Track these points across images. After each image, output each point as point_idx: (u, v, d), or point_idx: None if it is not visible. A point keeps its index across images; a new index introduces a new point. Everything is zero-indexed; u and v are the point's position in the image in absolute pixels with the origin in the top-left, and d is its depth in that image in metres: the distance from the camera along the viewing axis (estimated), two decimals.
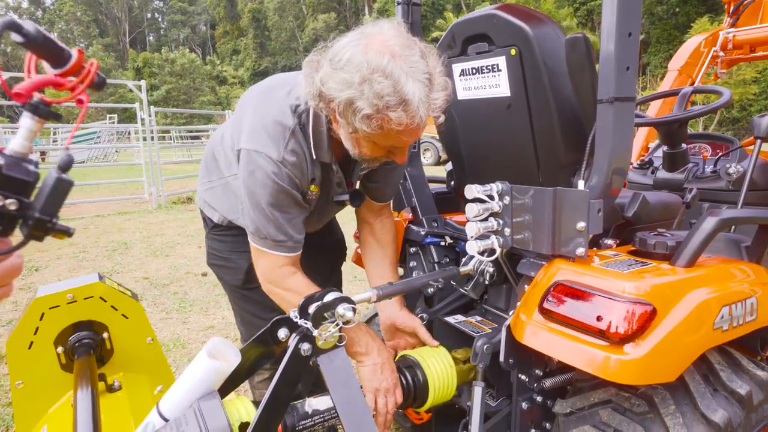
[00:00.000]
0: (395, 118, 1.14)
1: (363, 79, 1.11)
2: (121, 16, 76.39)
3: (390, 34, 1.17)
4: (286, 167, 1.35)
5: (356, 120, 1.17)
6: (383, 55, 1.12)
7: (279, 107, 1.37)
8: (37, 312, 1.49)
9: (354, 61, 1.13)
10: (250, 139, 1.37)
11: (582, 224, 1.18)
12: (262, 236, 1.42)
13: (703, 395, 1.15)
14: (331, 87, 1.16)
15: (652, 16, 31.98)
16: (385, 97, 1.11)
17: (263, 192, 1.36)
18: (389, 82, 1.11)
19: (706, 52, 3.46)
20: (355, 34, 1.20)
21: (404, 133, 1.20)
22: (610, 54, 1.16)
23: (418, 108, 1.14)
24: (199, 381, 1.10)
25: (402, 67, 1.12)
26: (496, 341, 1.33)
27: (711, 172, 2.13)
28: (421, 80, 1.14)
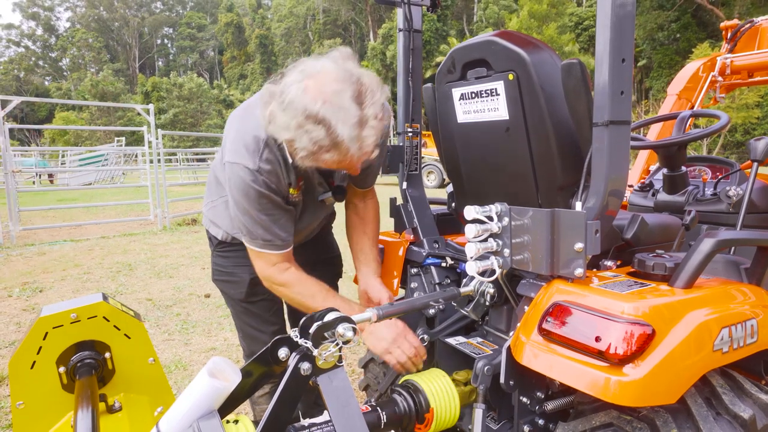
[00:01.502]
0: (329, 158, 1.30)
1: (298, 126, 1.26)
2: (132, 42, 78.22)
3: (327, 78, 1.27)
4: (262, 175, 1.48)
5: (297, 153, 1.32)
6: (316, 101, 1.24)
7: (255, 122, 1.48)
8: (41, 332, 1.50)
9: (293, 104, 1.26)
10: (231, 152, 1.50)
11: (580, 245, 1.19)
12: (253, 237, 1.56)
13: (705, 419, 1.14)
14: (275, 126, 1.32)
15: (654, 42, 32.46)
16: (317, 142, 1.26)
17: (246, 198, 1.50)
18: (321, 127, 1.25)
19: (704, 77, 3.51)
20: (297, 74, 1.31)
21: (340, 164, 1.35)
22: (604, 79, 1.19)
23: (350, 146, 1.28)
24: (200, 400, 1.10)
25: (333, 112, 1.24)
26: (497, 363, 1.33)
27: (711, 194, 2.14)
28: (352, 124, 1.26)
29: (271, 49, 68.03)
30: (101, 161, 18.95)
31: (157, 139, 9.48)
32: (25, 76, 70.39)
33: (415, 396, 1.47)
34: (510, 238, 1.32)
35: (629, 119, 1.24)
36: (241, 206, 1.52)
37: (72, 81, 65.69)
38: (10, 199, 7.78)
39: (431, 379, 1.52)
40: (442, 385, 1.50)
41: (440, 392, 1.48)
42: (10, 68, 70.62)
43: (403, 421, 1.45)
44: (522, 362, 1.24)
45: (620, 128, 1.23)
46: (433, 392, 1.47)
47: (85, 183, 17.06)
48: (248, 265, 1.78)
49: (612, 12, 1.16)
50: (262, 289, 1.82)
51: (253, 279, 1.80)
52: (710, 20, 30.05)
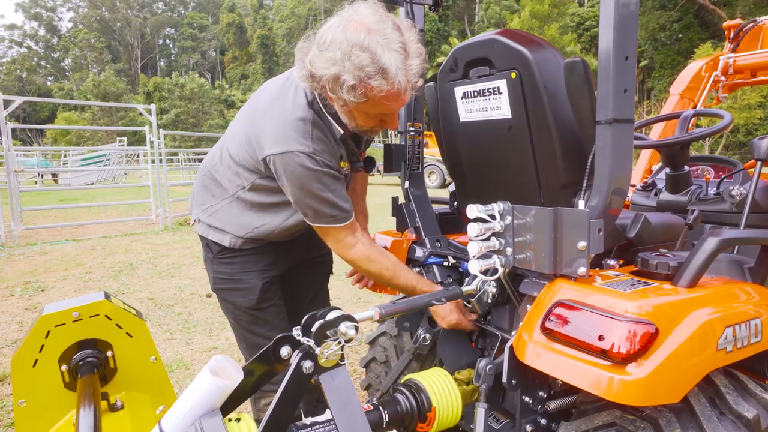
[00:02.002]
0: (377, 86, 1.28)
1: (345, 55, 1.26)
2: (134, 43, 78.36)
3: (366, 14, 1.31)
4: (318, 155, 1.47)
5: (344, 92, 1.31)
6: (359, 31, 1.26)
7: (293, 106, 1.48)
8: (43, 330, 1.50)
9: (335, 40, 1.27)
10: (277, 143, 1.47)
11: (583, 244, 1.18)
12: (318, 216, 1.55)
13: (709, 418, 1.13)
14: (319, 66, 1.30)
15: (656, 42, 32.41)
16: (365, 68, 1.25)
17: (309, 182, 1.47)
18: (367, 54, 1.25)
19: (707, 77, 3.50)
20: (335, 18, 1.34)
21: (388, 98, 1.33)
22: (607, 77, 1.19)
23: (396, 74, 1.27)
24: (202, 398, 1.10)
25: (378, 40, 1.26)
26: (499, 362, 1.33)
27: (714, 194, 2.13)
28: (396, 49, 1.27)
29: (273, 50, 68.09)
30: (103, 161, 18.98)
31: (159, 139, 9.49)
32: (27, 77, 70.56)
33: (417, 395, 1.46)
34: (513, 236, 1.32)
35: (632, 117, 1.24)
36: (303, 191, 1.49)
37: (74, 81, 65.84)
38: (13, 198, 7.80)
39: (433, 378, 1.51)
40: (444, 384, 1.50)
41: (442, 391, 1.48)
42: (13, 68, 70.80)
43: (405, 420, 1.45)
44: (524, 361, 1.24)
45: (623, 126, 1.22)
46: (435, 391, 1.47)
47: (87, 183, 17.09)
48: (257, 270, 1.75)
49: (615, 10, 1.16)
50: (272, 294, 1.79)
51: (265, 284, 1.75)
52: (712, 20, 30.00)
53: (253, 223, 1.69)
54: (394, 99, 1.35)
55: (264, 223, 1.69)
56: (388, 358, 2.09)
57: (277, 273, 1.80)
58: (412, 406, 1.45)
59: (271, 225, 1.69)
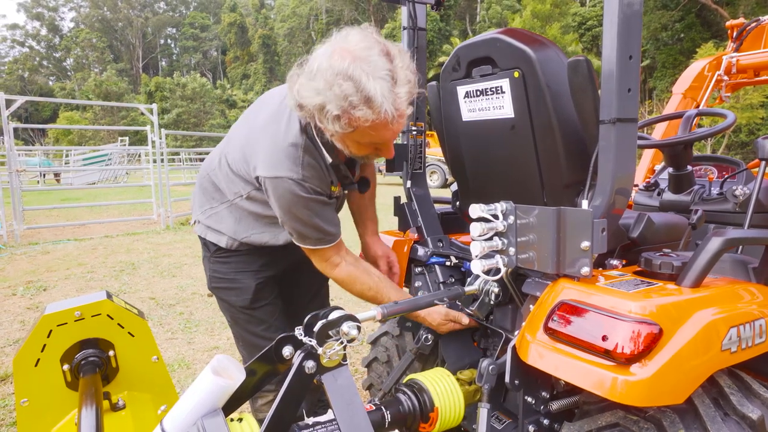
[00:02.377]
0: (362, 116, 1.23)
1: (327, 84, 1.22)
2: (135, 42, 78.45)
3: (354, 40, 1.27)
4: (308, 182, 1.46)
5: (329, 122, 1.28)
6: (344, 59, 1.22)
7: (285, 131, 1.46)
8: (45, 329, 1.50)
9: (321, 69, 1.24)
10: (269, 166, 1.47)
11: (586, 244, 1.18)
12: (304, 238, 1.57)
13: (713, 419, 1.12)
14: (305, 96, 1.29)
15: (658, 42, 32.34)
16: (349, 97, 1.21)
17: (297, 207, 1.49)
18: (350, 83, 1.21)
19: (710, 76, 3.49)
20: (325, 46, 1.31)
21: (375, 128, 1.29)
22: (611, 76, 1.18)
23: (383, 103, 1.22)
24: (204, 398, 1.10)
25: (362, 67, 1.21)
26: (502, 362, 1.32)
27: (717, 194, 2.12)
28: (382, 77, 1.23)
29: (274, 49, 68.13)
30: (105, 161, 19.00)
31: (161, 139, 9.49)
32: (29, 76, 70.68)
33: (420, 395, 1.46)
34: (515, 236, 1.32)
35: (636, 117, 1.23)
36: (290, 215, 1.51)
37: (76, 81, 65.94)
38: (15, 198, 7.81)
39: (436, 378, 1.51)
40: (447, 384, 1.49)
41: (445, 392, 1.47)
42: (15, 68, 70.93)
43: (408, 420, 1.44)
44: (527, 361, 1.23)
45: (627, 126, 1.22)
46: (437, 392, 1.46)
47: (89, 182, 17.11)
48: (251, 270, 1.76)
49: (620, 9, 1.15)
50: (266, 294, 1.80)
51: (258, 284, 1.76)
52: (714, 20, 29.93)
53: (249, 230, 1.71)
54: (382, 128, 1.30)
55: (261, 232, 1.71)
56: (390, 358, 2.09)
57: (272, 274, 1.80)
58: (415, 406, 1.44)
59: (266, 236, 1.71)
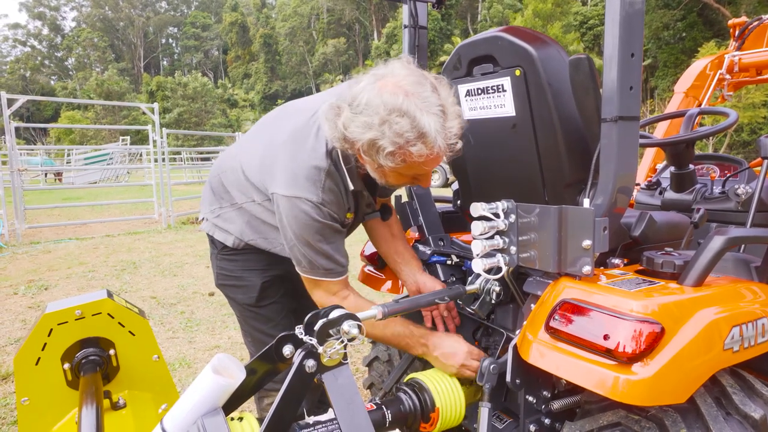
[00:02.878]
0: (416, 152, 1.23)
1: (382, 121, 1.21)
2: (137, 42, 78.52)
3: (402, 74, 1.26)
4: (326, 206, 1.43)
5: (380, 157, 1.27)
6: (397, 95, 1.21)
7: (312, 150, 1.44)
8: (46, 328, 1.50)
9: (372, 104, 1.23)
10: (288, 185, 1.43)
11: (588, 242, 1.17)
12: (313, 267, 1.50)
13: (715, 419, 1.12)
14: (353, 131, 1.26)
15: (659, 41, 32.28)
16: (404, 134, 1.20)
17: (310, 231, 1.44)
18: (406, 120, 1.20)
19: (712, 75, 3.48)
20: (369, 78, 1.29)
21: (426, 163, 1.30)
22: (613, 74, 1.18)
23: (436, 139, 1.22)
24: (204, 397, 1.10)
25: (416, 103, 1.21)
26: (503, 361, 1.32)
27: (719, 193, 2.11)
28: (435, 113, 1.23)
29: (276, 49, 68.13)
30: (106, 160, 19.03)
31: (162, 138, 9.50)
32: (31, 76, 70.77)
33: (421, 394, 1.46)
34: (517, 235, 1.31)
35: (638, 115, 1.23)
36: (301, 239, 1.45)
37: (77, 80, 66.01)
38: (16, 197, 7.82)
39: (437, 377, 1.51)
40: (448, 383, 1.49)
41: (446, 391, 1.47)
42: (17, 68, 71.03)
43: (408, 419, 1.44)
44: (529, 360, 1.23)
45: (629, 124, 1.21)
46: (438, 391, 1.46)
47: (90, 182, 17.14)
48: (258, 269, 1.75)
49: (621, 7, 1.15)
50: (272, 292, 1.79)
51: (264, 282, 1.75)
52: (716, 19, 29.86)
53: (256, 234, 1.69)
54: (431, 162, 1.31)
55: (268, 239, 1.68)
56: (390, 357, 2.09)
57: (279, 272, 1.79)
58: (416, 405, 1.44)
59: (274, 243, 1.69)
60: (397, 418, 1.42)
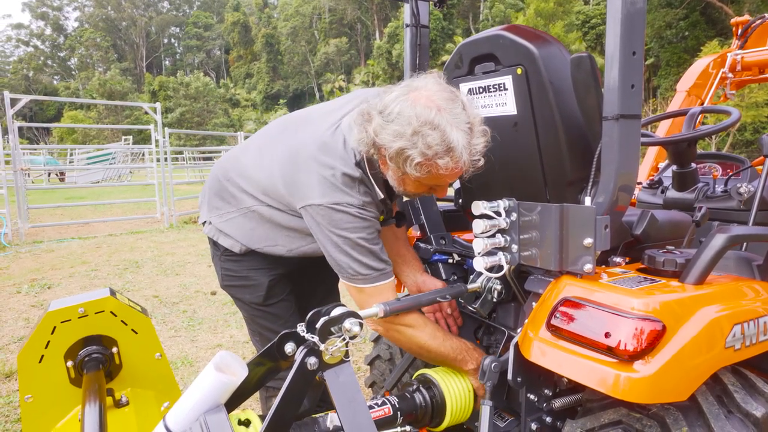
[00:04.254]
0: (442, 164, 1.28)
1: (414, 132, 1.25)
2: (139, 42, 78.68)
3: (434, 89, 1.31)
4: (366, 208, 1.45)
5: (407, 166, 1.31)
6: (431, 109, 1.26)
7: (342, 161, 1.45)
8: (49, 326, 1.51)
9: (404, 114, 1.27)
10: (326, 194, 1.42)
11: (589, 240, 1.17)
12: (364, 273, 1.46)
13: (716, 417, 1.12)
14: (384, 138, 1.30)
15: (662, 40, 32.20)
16: (433, 146, 1.25)
17: (356, 232, 1.43)
18: (437, 133, 1.25)
19: (714, 74, 3.47)
20: (401, 89, 1.34)
21: (449, 176, 1.36)
22: (614, 72, 1.18)
23: (462, 154, 1.28)
24: (206, 394, 1.10)
25: (447, 119, 1.26)
26: (504, 359, 1.32)
27: (722, 191, 2.11)
28: (464, 129, 1.28)
29: (277, 48, 68.18)
30: (109, 160, 19.08)
31: (164, 138, 9.53)
32: (34, 76, 71.00)
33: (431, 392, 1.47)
34: (518, 233, 1.31)
35: (640, 113, 1.23)
36: (350, 242, 1.43)
37: (80, 80, 66.18)
38: (19, 196, 7.85)
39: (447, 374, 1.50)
40: (458, 381, 1.49)
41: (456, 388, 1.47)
42: (20, 68, 71.26)
43: (419, 415, 1.45)
44: (530, 359, 1.23)
45: (630, 122, 1.21)
46: (449, 388, 1.46)
47: (93, 181, 17.19)
48: (264, 268, 1.74)
49: (623, 5, 1.15)
50: (279, 290, 1.78)
51: (271, 281, 1.74)
52: (719, 18, 29.77)
53: (263, 241, 1.67)
54: (454, 176, 1.37)
55: (276, 245, 1.67)
56: (392, 356, 2.09)
57: (285, 271, 1.79)
58: (427, 402, 1.44)
59: (282, 248, 1.67)
60: (407, 414, 1.42)
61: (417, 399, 1.46)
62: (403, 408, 1.42)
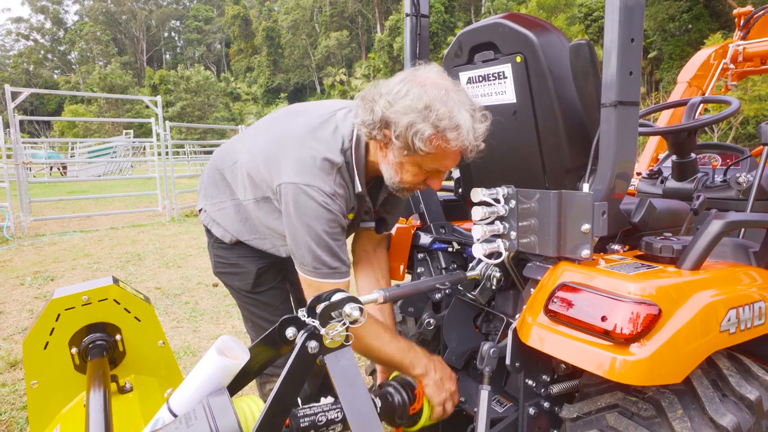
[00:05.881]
0: (451, 138, 1.32)
1: (426, 106, 1.30)
2: (139, 35, 78.42)
3: (437, 78, 1.37)
4: (337, 198, 1.45)
5: (416, 141, 1.32)
6: (440, 88, 1.32)
7: (327, 145, 1.46)
8: (53, 313, 1.53)
9: (413, 92, 1.32)
10: (299, 173, 1.43)
11: (587, 227, 1.19)
12: (317, 266, 1.46)
13: (711, 400, 1.14)
14: (395, 112, 1.33)
15: (665, 33, 31.99)
16: (443, 120, 1.30)
17: (318, 222, 1.43)
18: (446, 109, 1.30)
19: (715, 65, 3.47)
20: (405, 74, 1.38)
21: (453, 154, 1.38)
22: (613, 59, 1.18)
23: (468, 133, 1.32)
24: (209, 378, 1.12)
25: (455, 99, 1.32)
26: (503, 345, 1.34)
27: (721, 181, 2.12)
28: (469, 111, 1.34)
29: (278, 42, 67.90)
30: (110, 153, 19.09)
31: (165, 132, 9.53)
32: (34, 70, 70.86)
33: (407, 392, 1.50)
34: (517, 220, 1.32)
35: (638, 100, 1.23)
36: (310, 231, 1.43)
37: (80, 74, 66.03)
38: (22, 190, 7.87)
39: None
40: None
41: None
42: (20, 62, 71.13)
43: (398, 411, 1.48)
44: (528, 343, 1.24)
45: (628, 109, 1.22)
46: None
47: (95, 175, 17.21)
48: (254, 257, 1.77)
49: None
50: (269, 278, 1.81)
51: (260, 269, 1.77)
52: (723, 10, 29.55)
53: (252, 234, 1.71)
54: (455, 156, 1.40)
55: (263, 239, 1.70)
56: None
57: (276, 260, 1.81)
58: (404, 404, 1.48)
59: (268, 243, 1.71)
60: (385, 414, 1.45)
61: (396, 399, 1.47)
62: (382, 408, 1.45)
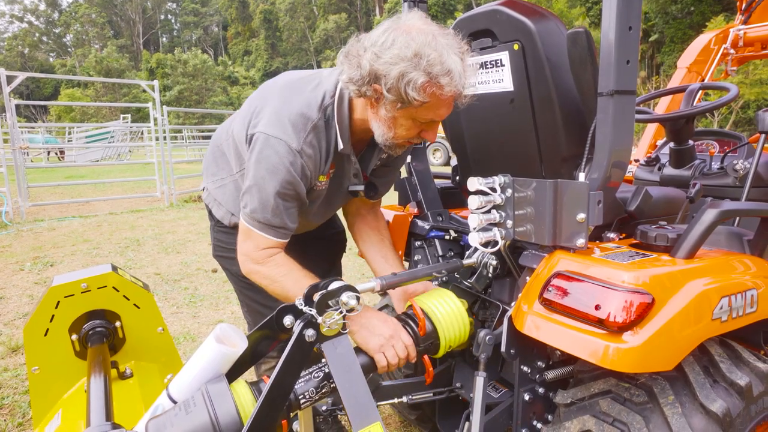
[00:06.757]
0: (445, 84, 1.26)
1: (415, 53, 1.23)
2: (135, 18, 77.32)
3: (421, 22, 1.31)
4: (302, 158, 1.40)
5: (409, 90, 1.26)
6: (426, 34, 1.26)
7: (305, 100, 1.43)
8: (53, 300, 1.54)
9: (400, 40, 1.25)
10: (271, 125, 1.40)
11: (582, 215, 1.19)
12: (256, 216, 1.43)
13: (702, 386, 1.16)
14: (383, 63, 1.26)
15: (667, 16, 31.62)
16: (435, 66, 1.24)
17: (273, 178, 1.39)
18: (436, 54, 1.24)
19: (716, 50, 3.44)
20: (388, 24, 1.31)
21: (447, 101, 1.33)
22: (610, 47, 1.18)
23: (460, 78, 1.27)
24: (207, 365, 1.14)
25: (443, 43, 1.26)
26: (498, 332, 1.35)
27: (718, 168, 2.12)
28: (457, 54, 1.28)
29: (276, 25, 67.07)
30: (107, 138, 18.98)
31: (163, 116, 9.46)
32: (29, 53, 70.01)
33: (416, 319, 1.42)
34: (513, 209, 1.33)
35: (635, 89, 1.23)
36: (261, 184, 1.40)
37: (76, 57, 65.30)
38: (19, 175, 7.85)
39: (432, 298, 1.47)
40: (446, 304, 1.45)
41: (443, 311, 1.44)
42: (14, 44, 70.23)
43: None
44: (523, 331, 1.26)
45: (625, 98, 1.21)
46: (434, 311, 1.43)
47: (93, 160, 17.14)
48: None
49: None
50: None
51: None
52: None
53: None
54: (449, 103, 1.34)
55: None
56: None
57: None
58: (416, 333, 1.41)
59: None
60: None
61: (408, 330, 1.42)
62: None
